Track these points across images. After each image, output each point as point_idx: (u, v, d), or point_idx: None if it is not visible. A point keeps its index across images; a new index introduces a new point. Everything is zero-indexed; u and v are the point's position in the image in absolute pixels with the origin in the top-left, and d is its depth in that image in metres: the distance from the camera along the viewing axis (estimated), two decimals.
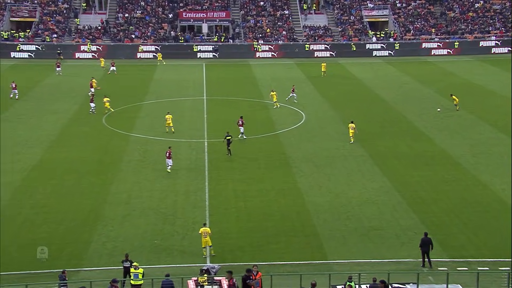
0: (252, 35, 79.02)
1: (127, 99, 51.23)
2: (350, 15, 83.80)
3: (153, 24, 79.74)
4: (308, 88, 57.04)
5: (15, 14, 78.21)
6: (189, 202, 29.01)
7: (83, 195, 29.61)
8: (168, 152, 33.14)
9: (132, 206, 28.44)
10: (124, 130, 41.50)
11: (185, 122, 44.22)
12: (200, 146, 38.13)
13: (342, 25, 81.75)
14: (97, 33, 77.14)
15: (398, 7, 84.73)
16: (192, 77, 63.37)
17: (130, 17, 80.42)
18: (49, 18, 78.33)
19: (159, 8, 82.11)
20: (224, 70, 67.85)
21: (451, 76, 62.03)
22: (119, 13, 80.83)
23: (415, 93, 54.09)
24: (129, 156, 36.01)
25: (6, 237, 25.17)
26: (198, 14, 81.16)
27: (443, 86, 56.73)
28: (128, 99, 51.25)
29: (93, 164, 34.39)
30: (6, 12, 77.81)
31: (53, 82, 55.49)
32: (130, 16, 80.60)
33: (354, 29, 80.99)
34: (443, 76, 62.02)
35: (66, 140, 39.10)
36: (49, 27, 76.98)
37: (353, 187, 30.72)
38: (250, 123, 43.61)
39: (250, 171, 33.39)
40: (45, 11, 79.42)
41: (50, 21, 77.97)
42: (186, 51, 75.54)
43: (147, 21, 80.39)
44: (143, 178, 32.19)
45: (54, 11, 79.81)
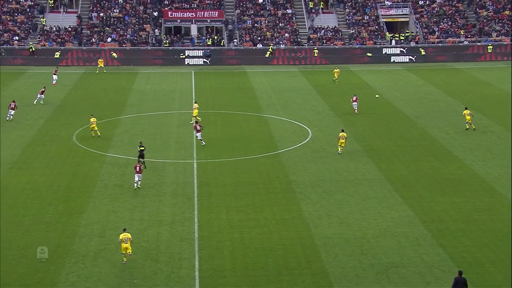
0: (249, 37, 79.77)
1: (102, 113, 51.49)
2: (364, 15, 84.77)
3: (133, 25, 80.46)
4: (315, 99, 57.46)
5: None
6: (175, 234, 29.04)
7: (48, 227, 29.61)
8: (137, 166, 34.28)
9: (108, 239, 28.44)
10: (98, 149, 41.66)
11: (171, 140, 44.44)
12: (188, 168, 38.29)
13: (354, 26, 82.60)
14: (66, 35, 77.76)
15: (420, 5, 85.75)
16: (179, 87, 63.83)
17: (106, 17, 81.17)
18: (9, 18, 78.97)
19: (140, 6, 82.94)
20: (217, 78, 68.36)
21: (484, 86, 62.60)
22: (93, 12, 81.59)
23: (441, 106, 54.52)
24: (104, 180, 36.11)
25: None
26: (186, 14, 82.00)
27: (474, 97, 57.21)
28: (103, 113, 51.53)
29: (60, 190, 34.44)
30: None
31: (15, 94, 55.76)
32: (106, 15, 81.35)
33: (369, 31, 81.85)
34: (474, 86, 62.58)
35: (29, 162, 39.21)
36: (9, 28, 77.56)
37: (368, 217, 30.81)
38: (247, 141, 43.86)
39: (247, 198, 33.50)
40: (4, 9, 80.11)
41: (10, 21, 78.60)
42: (172, 57, 76.18)
43: (126, 21, 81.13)
44: (121, 206, 32.25)
45: (15, 9, 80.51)
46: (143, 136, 44.59)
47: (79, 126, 47.00)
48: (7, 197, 33.17)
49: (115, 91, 60.30)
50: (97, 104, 54.86)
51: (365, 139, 44.31)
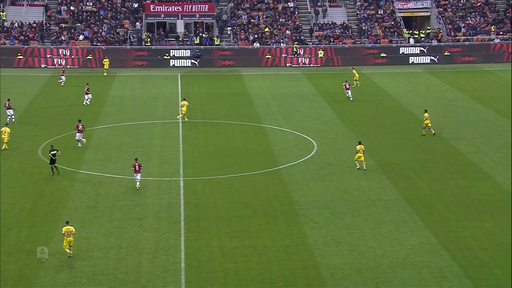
0: (244, 35, 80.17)
1: (72, 123, 51.57)
2: (377, 9, 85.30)
3: (109, 21, 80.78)
4: (321, 107, 57.67)
5: None
6: (158, 264, 29.02)
7: (9, 257, 29.53)
8: (136, 165, 37.38)
9: (78, 270, 28.40)
10: (68, 165, 41.68)
11: (153, 154, 44.51)
12: (174, 187, 38.34)
13: (366, 22, 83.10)
14: (31, 32, 78.01)
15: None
16: (163, 92, 64.04)
17: (78, 11, 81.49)
18: None
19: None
20: (207, 83, 68.58)
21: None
22: (62, 5, 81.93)
23: (468, 115, 54.74)
24: (75, 201, 36.11)
25: None
26: (171, 8, 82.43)
27: (508, 105, 57.40)
28: (73, 123, 51.59)
29: (23, 213, 34.36)
30: None
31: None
32: (78, 9, 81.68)
33: (383, 28, 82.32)
34: (506, 91, 62.82)
35: None
36: None
37: (383, 244, 30.83)
38: (242, 155, 43.95)
39: (242, 221, 33.51)
40: None
41: None
42: (154, 58, 76.48)
43: (102, 16, 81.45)
44: (95, 231, 32.23)
45: None
46: (121, 149, 44.64)
47: (46, 139, 47.04)
48: None
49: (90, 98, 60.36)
50: (67, 113, 54.91)
51: (379, 152, 44.44)
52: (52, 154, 39.55)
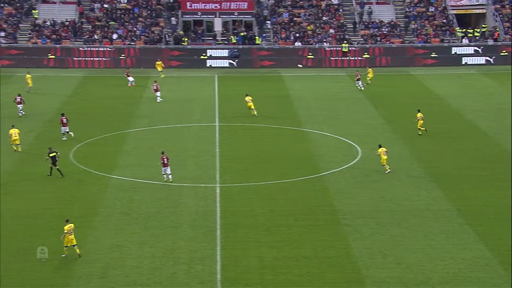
0: (285, 34, 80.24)
1: (106, 125, 52.25)
2: (428, 6, 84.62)
3: (143, 19, 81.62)
4: (367, 111, 57.39)
5: None
6: (194, 274, 29.21)
7: (38, 265, 30.04)
8: (164, 158, 38.80)
9: (111, 280, 28.74)
10: (101, 169, 42.21)
11: (189, 159, 44.81)
12: (210, 194, 38.52)
13: (416, 20, 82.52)
14: (64, 31, 79.20)
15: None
16: (199, 94, 64.39)
17: (112, 9, 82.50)
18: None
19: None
20: (245, 84, 68.76)
21: None
22: (96, 3, 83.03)
23: None
24: (107, 207, 36.53)
25: None
26: (208, 5, 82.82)
27: None
28: (107, 125, 52.26)
29: (53, 219, 34.85)
30: None
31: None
32: (112, 7, 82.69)
33: (434, 26, 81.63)
34: None
35: (17, 185, 39.88)
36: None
37: (433, 257, 30.55)
38: (282, 161, 43.99)
39: (282, 231, 33.52)
40: None
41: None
42: (191, 58, 76.96)
43: (136, 14, 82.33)
44: (128, 239, 32.56)
45: None
46: (155, 153, 45.06)
47: (78, 142, 47.69)
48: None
49: (122, 99, 61.08)
50: (100, 115, 55.62)
51: (429, 160, 44.06)
52: (52, 157, 40.45)
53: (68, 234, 30.09)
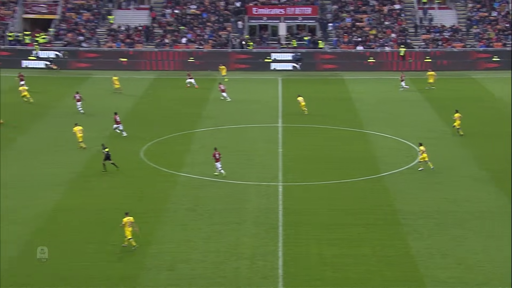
0: (347, 38, 79.77)
1: (174, 125, 52.88)
2: (491, 10, 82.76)
3: (212, 24, 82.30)
4: (428, 114, 56.57)
5: (30, 9, 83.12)
6: (256, 269, 29.32)
7: (111, 256, 30.64)
8: (216, 154, 39.96)
9: (178, 273, 29.11)
10: (169, 167, 42.76)
11: (252, 159, 44.99)
12: (272, 192, 38.61)
13: (478, 24, 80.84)
14: (137, 35, 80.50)
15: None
16: (263, 96, 64.53)
17: (182, 14, 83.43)
18: (75, 15, 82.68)
19: (221, 1, 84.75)
20: (308, 87, 68.64)
21: None
22: (167, 9, 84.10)
23: None
24: (175, 203, 37.01)
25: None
26: (273, 10, 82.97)
27: None
28: (175, 125, 52.90)
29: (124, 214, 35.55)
30: (18, 7, 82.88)
31: (73, 103, 58.03)
32: (182, 13, 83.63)
33: (497, 30, 79.80)
34: None
35: (90, 181, 40.78)
36: (74, 27, 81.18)
37: (496, 259, 29.90)
38: (343, 161, 43.78)
39: (342, 229, 33.37)
40: (69, 6, 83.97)
41: (75, 19, 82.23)
42: (255, 61, 77.21)
43: (205, 19, 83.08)
44: (194, 235, 32.92)
45: (81, 5, 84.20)
46: (221, 153, 45.32)
47: (148, 141, 48.41)
48: (66, 221, 34.63)
49: (190, 101, 61.72)
50: (169, 116, 56.33)
51: (491, 162, 43.18)
52: (106, 151, 41.31)
53: (127, 226, 30.69)
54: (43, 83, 69.31)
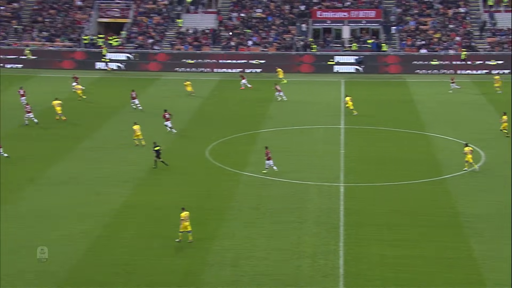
0: (411, 41, 78.55)
1: (238, 126, 53.02)
2: None
3: (276, 27, 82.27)
4: (491, 117, 55.17)
5: (104, 13, 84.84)
6: (318, 268, 29.12)
7: (176, 252, 30.90)
8: (268, 152, 40.46)
9: (241, 270, 29.13)
10: (233, 167, 42.87)
11: (314, 159, 44.73)
12: (334, 192, 38.31)
13: None
14: (204, 38, 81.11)
15: None
16: (326, 98, 64.15)
17: (247, 18, 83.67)
18: (146, 19, 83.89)
19: (286, 5, 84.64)
20: (370, 89, 67.93)
21: None
22: (233, 13, 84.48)
23: None
24: (239, 202, 37.08)
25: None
26: (337, 14, 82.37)
27: None
28: (239, 126, 53.04)
29: (191, 211, 35.62)
30: (93, 11, 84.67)
31: (145, 102, 58.95)
32: (248, 16, 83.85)
33: None
34: None
35: (158, 178, 41.24)
36: (145, 31, 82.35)
37: None
38: (405, 163, 43.14)
39: (404, 230, 32.85)
40: (140, 10, 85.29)
41: (146, 23, 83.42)
42: (318, 63, 76.82)
43: (270, 22, 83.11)
44: (257, 232, 32.92)
45: (152, 9, 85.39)
46: (283, 153, 45.28)
47: (214, 140, 48.66)
48: (133, 217, 35.07)
49: (254, 102, 61.82)
50: (234, 116, 56.54)
51: None
52: (156, 150, 41.70)
53: (184, 220, 31.24)
54: (113, 84, 70.61)
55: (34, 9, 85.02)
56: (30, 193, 37.99)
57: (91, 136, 49.48)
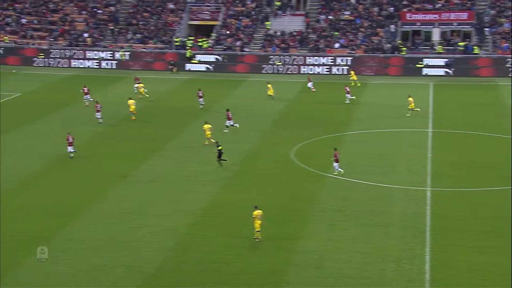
0: (505, 43, 76.19)
1: (324, 128, 52.86)
2: None
3: (364, 29, 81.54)
4: None
5: (195, 16, 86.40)
6: (402, 272, 28.73)
7: (261, 251, 31.14)
8: (337, 154, 40.53)
9: (325, 271, 29.09)
10: (318, 169, 42.81)
11: (401, 163, 44.12)
12: (420, 196, 37.69)
13: None
14: (291, 40, 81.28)
15: None
16: (414, 101, 62.98)
17: (335, 20, 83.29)
18: (235, 21, 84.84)
19: (375, 7, 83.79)
20: (460, 92, 66.35)
21: None
22: (321, 15, 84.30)
23: None
24: (323, 203, 37.02)
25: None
26: (427, 16, 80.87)
27: None
28: (325, 128, 52.87)
29: (275, 211, 35.94)
30: (185, 14, 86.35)
31: (230, 104, 59.59)
32: (336, 18, 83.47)
33: None
34: None
35: (244, 178, 41.66)
36: (233, 33, 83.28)
37: None
38: (495, 169, 42.00)
39: (492, 237, 32.02)
40: (230, 12, 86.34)
41: (235, 25, 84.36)
42: (407, 66, 75.66)
43: (358, 25, 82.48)
44: (341, 235, 32.78)
45: (240, 12, 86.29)
46: (369, 155, 44.88)
47: (299, 142, 48.72)
48: (219, 215, 35.58)
49: (338, 104, 61.45)
50: (319, 118, 56.40)
51: None
52: (219, 150, 42.33)
53: (257, 219, 31.61)
54: (203, 85, 71.68)
55: (129, 12, 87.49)
56: (120, 190, 39.13)
57: (179, 136, 50.43)
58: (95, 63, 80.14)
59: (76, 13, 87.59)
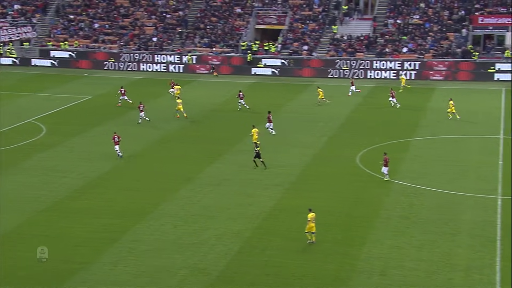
0: None
1: (391, 133, 52.14)
2: None
3: (433, 33, 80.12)
4: None
5: (262, 20, 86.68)
6: (471, 282, 28.00)
7: (325, 256, 30.84)
8: (386, 158, 40.13)
9: (389, 278, 28.61)
10: (384, 174, 42.21)
11: (470, 170, 43.08)
12: (490, 205, 36.71)
13: None
14: (358, 44, 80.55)
15: None
16: (484, 107, 61.61)
17: (404, 24, 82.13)
18: (301, 26, 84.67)
19: (445, 11, 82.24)
20: None
21: None
22: (390, 19, 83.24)
23: None
24: (388, 210, 36.45)
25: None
26: (500, 20, 78.85)
27: None
28: (391, 133, 52.15)
29: (341, 216, 35.64)
30: (251, 18, 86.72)
31: (295, 108, 59.50)
32: (404, 23, 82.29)
33: None
34: None
35: (307, 183, 41.36)
36: (300, 37, 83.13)
37: None
38: None
39: None
40: (296, 17, 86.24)
41: (302, 29, 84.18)
42: (477, 71, 73.97)
43: (427, 29, 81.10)
44: (406, 242, 32.19)
45: (307, 16, 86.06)
46: (437, 162, 43.97)
47: (365, 147, 48.17)
48: (283, 219, 35.44)
49: (407, 109, 60.54)
50: (386, 123, 55.67)
51: None
52: (257, 151, 42.94)
53: (311, 221, 31.58)
54: (267, 89, 71.88)
55: (197, 17, 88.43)
56: (185, 193, 39.44)
57: (244, 140, 50.57)
58: (163, 67, 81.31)
59: (146, 17, 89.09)
